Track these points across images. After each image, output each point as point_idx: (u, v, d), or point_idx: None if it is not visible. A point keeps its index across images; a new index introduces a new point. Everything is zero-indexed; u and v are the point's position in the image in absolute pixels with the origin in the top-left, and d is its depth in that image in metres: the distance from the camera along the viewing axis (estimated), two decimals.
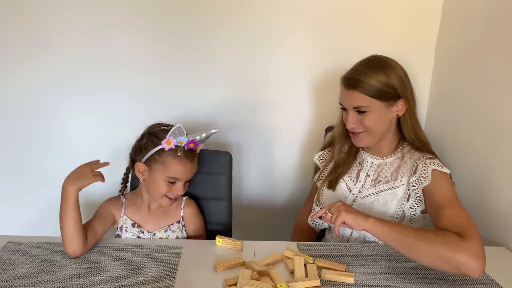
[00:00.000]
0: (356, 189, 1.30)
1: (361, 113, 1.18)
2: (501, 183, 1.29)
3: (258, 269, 1.02)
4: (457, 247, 0.94)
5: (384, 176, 1.27)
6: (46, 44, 1.60)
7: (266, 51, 1.64)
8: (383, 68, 1.17)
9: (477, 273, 0.93)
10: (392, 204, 1.22)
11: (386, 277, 1.05)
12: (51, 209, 1.81)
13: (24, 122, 1.70)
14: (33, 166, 1.75)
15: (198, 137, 1.21)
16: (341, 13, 1.61)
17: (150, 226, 1.29)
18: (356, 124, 1.20)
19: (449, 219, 1.03)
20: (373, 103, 1.16)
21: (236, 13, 1.60)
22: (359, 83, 1.15)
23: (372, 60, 1.20)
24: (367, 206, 1.26)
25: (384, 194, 1.24)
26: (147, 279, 1.01)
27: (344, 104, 1.21)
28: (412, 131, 1.23)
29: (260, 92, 1.70)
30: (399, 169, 1.25)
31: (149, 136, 1.24)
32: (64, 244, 1.08)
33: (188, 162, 1.22)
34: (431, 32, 1.64)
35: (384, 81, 1.15)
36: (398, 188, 1.23)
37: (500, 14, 1.29)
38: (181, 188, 1.23)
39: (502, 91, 1.28)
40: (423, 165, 1.17)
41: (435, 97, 1.68)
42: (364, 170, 1.31)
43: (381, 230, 1.02)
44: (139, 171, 1.24)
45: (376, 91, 1.15)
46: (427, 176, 1.15)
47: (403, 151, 1.27)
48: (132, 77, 1.66)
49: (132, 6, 1.57)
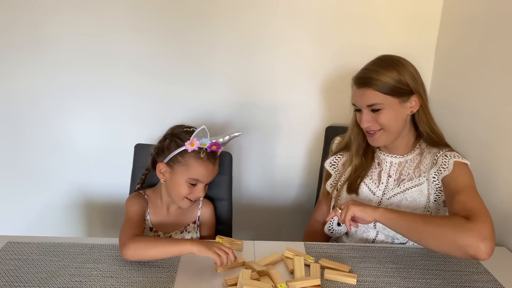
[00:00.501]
0: (380, 191, 1.27)
1: (375, 111, 1.17)
2: (501, 183, 1.28)
3: (258, 269, 1.02)
4: (462, 228, 0.92)
5: (407, 173, 1.25)
6: (46, 45, 1.60)
7: (267, 52, 1.65)
8: (395, 65, 1.17)
9: (484, 254, 0.90)
10: (421, 200, 1.21)
11: (391, 280, 1.05)
12: (51, 209, 1.82)
13: (24, 122, 1.70)
14: (33, 166, 1.76)
15: (221, 139, 1.21)
16: (342, 13, 1.61)
17: (167, 228, 1.29)
18: (371, 123, 1.18)
19: (461, 203, 1.02)
20: (387, 100, 1.15)
21: (237, 14, 1.60)
22: (372, 80, 1.15)
23: (383, 59, 1.20)
24: (395, 206, 1.23)
25: (411, 192, 1.23)
26: (147, 279, 1.01)
27: (358, 104, 1.20)
28: (427, 126, 1.22)
29: (260, 93, 1.70)
30: (420, 165, 1.24)
31: (172, 137, 1.23)
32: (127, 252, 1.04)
33: (211, 164, 1.21)
34: (431, 32, 1.64)
35: (397, 77, 1.15)
36: (423, 184, 1.22)
37: (500, 14, 1.29)
38: (201, 190, 1.23)
39: (502, 91, 1.28)
40: (443, 157, 1.17)
41: (435, 97, 1.68)
42: (384, 171, 1.28)
43: (390, 218, 1.03)
44: (161, 171, 1.23)
45: (389, 88, 1.15)
46: (447, 167, 1.14)
47: (421, 147, 1.25)
48: (133, 78, 1.66)
49: (133, 7, 1.57)
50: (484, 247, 0.90)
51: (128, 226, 1.13)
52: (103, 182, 1.80)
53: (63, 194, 1.81)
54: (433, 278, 1.06)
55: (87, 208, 1.84)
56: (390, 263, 1.13)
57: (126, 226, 1.12)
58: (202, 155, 1.19)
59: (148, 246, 1.04)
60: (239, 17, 1.60)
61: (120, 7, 1.57)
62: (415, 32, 1.64)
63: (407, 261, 1.13)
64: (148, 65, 1.64)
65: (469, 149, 1.45)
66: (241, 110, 1.72)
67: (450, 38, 1.57)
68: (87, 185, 1.81)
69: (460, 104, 1.50)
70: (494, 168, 1.32)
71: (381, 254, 1.17)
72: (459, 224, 0.94)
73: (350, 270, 1.08)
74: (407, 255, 1.16)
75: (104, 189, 1.81)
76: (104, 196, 1.82)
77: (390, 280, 1.05)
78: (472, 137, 1.43)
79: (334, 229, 1.34)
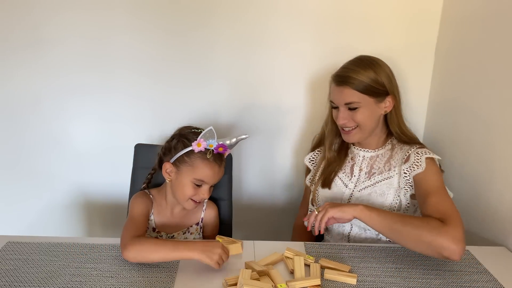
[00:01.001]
0: (352, 183, 1.33)
1: (352, 109, 1.24)
2: (501, 183, 1.28)
3: (258, 269, 1.02)
4: (438, 232, 1.00)
5: (377, 167, 1.31)
6: (47, 46, 1.60)
7: (266, 52, 1.64)
8: (372, 65, 1.24)
9: (457, 255, 0.99)
10: (390, 193, 1.27)
11: (391, 280, 1.05)
12: (51, 209, 1.82)
13: (25, 123, 1.70)
14: (33, 167, 1.76)
15: (228, 141, 1.21)
16: (341, 14, 1.61)
17: (171, 228, 1.28)
18: (347, 120, 1.25)
19: (434, 205, 1.10)
20: (364, 99, 1.22)
21: (236, 15, 1.60)
22: (350, 79, 1.22)
23: (361, 59, 1.27)
24: (365, 199, 1.29)
25: (380, 185, 1.29)
26: (147, 279, 1.01)
27: (336, 101, 1.27)
28: (397, 126, 1.30)
29: (260, 93, 1.70)
30: (391, 159, 1.30)
31: (179, 137, 1.23)
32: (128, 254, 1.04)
33: (217, 165, 1.21)
34: (431, 32, 1.64)
35: (374, 77, 1.22)
36: (392, 177, 1.28)
37: (500, 14, 1.29)
38: (206, 191, 1.22)
39: (502, 91, 1.28)
40: (415, 154, 1.23)
41: (435, 97, 1.68)
42: (357, 165, 1.34)
43: (369, 216, 1.08)
44: (167, 171, 1.23)
45: (366, 87, 1.21)
46: (420, 164, 1.21)
47: (392, 143, 1.33)
48: (133, 79, 1.66)
49: (132, 8, 1.57)
50: (457, 250, 0.99)
51: (131, 225, 1.13)
52: (103, 182, 1.80)
53: (63, 194, 1.81)
54: (433, 278, 1.06)
55: (87, 208, 1.84)
56: (390, 263, 1.13)
57: (129, 226, 1.12)
58: (209, 156, 1.18)
59: (150, 250, 1.03)
60: (239, 17, 1.60)
61: (120, 9, 1.57)
62: (415, 32, 1.63)
63: (407, 261, 1.13)
64: (148, 65, 1.64)
65: (469, 149, 1.45)
66: (241, 110, 1.72)
67: (450, 38, 1.57)
68: (87, 185, 1.81)
69: (460, 104, 1.50)
70: (494, 168, 1.32)
71: (381, 254, 1.17)
72: (435, 227, 1.01)
73: (350, 270, 1.08)
74: (407, 255, 1.16)
75: (104, 189, 1.81)
76: (104, 196, 1.82)
77: (390, 280, 1.05)
78: (472, 137, 1.43)
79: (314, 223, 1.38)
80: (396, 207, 1.26)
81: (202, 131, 1.19)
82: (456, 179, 1.51)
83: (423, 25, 1.63)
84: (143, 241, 1.05)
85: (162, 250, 1.03)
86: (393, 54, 1.64)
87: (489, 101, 1.35)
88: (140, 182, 1.39)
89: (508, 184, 1.25)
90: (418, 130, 1.75)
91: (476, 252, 1.19)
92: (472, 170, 1.43)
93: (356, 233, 1.32)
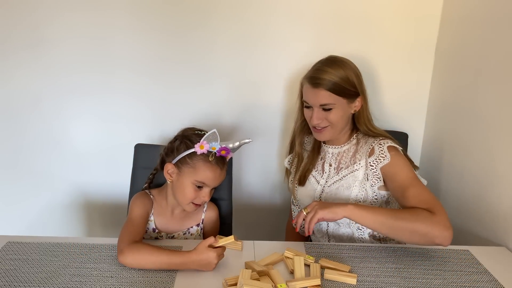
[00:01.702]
0: (323, 180, 1.38)
1: (326, 110, 1.28)
2: (501, 183, 1.28)
3: (258, 269, 1.02)
4: (431, 222, 1.06)
5: (344, 162, 1.35)
6: (47, 45, 1.60)
7: (266, 52, 1.64)
8: (343, 67, 1.28)
9: (448, 241, 1.06)
10: (355, 186, 1.30)
11: (391, 280, 1.05)
12: (51, 209, 1.82)
13: (25, 122, 1.70)
14: (33, 167, 1.76)
15: (231, 145, 1.21)
16: (341, 14, 1.61)
17: (171, 229, 1.28)
18: (321, 120, 1.29)
19: (416, 197, 1.14)
20: (338, 100, 1.27)
21: (237, 15, 1.59)
22: (325, 81, 1.25)
23: (333, 61, 1.30)
24: (334, 193, 1.33)
25: (346, 179, 1.32)
26: (147, 279, 1.01)
27: (310, 102, 1.29)
28: (365, 125, 1.34)
29: (260, 93, 1.70)
30: (356, 153, 1.34)
31: (182, 138, 1.23)
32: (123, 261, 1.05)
33: (218, 168, 1.21)
34: (431, 32, 1.64)
35: (346, 79, 1.26)
36: (358, 170, 1.31)
37: (500, 13, 1.29)
38: (207, 194, 1.22)
39: (502, 91, 1.28)
40: (378, 145, 1.27)
41: (435, 97, 1.68)
42: (327, 161, 1.39)
43: (360, 215, 1.09)
44: (168, 172, 1.22)
45: (340, 89, 1.25)
46: (385, 155, 1.25)
47: (357, 137, 1.36)
48: (133, 79, 1.66)
49: (132, 8, 1.57)
50: (448, 235, 1.06)
51: (129, 228, 1.13)
52: (103, 182, 1.80)
53: (63, 194, 1.81)
54: (433, 278, 1.06)
55: (87, 208, 1.84)
56: (390, 263, 1.13)
57: (127, 228, 1.12)
58: (211, 159, 1.18)
59: (145, 259, 1.04)
60: (239, 18, 1.60)
61: (120, 9, 1.57)
62: (415, 33, 1.63)
63: (407, 261, 1.13)
64: (148, 66, 1.64)
65: (469, 149, 1.45)
66: (241, 110, 1.72)
67: (450, 38, 1.57)
68: (87, 185, 1.81)
69: (460, 104, 1.50)
70: (494, 168, 1.32)
71: (381, 254, 1.17)
72: (427, 218, 1.07)
73: (350, 270, 1.08)
74: (407, 255, 1.16)
75: (104, 189, 1.81)
76: (104, 196, 1.82)
77: (390, 280, 1.05)
78: (471, 137, 1.43)
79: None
80: (362, 199, 1.29)
81: (205, 133, 1.19)
82: (456, 179, 1.51)
83: (423, 25, 1.63)
84: (139, 248, 1.05)
85: (158, 259, 1.04)
86: (393, 54, 1.65)
87: (488, 101, 1.35)
88: (140, 182, 1.39)
89: (508, 184, 1.25)
90: (418, 130, 1.75)
91: (476, 252, 1.19)
92: (472, 169, 1.43)
93: (333, 228, 1.36)
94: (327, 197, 1.35)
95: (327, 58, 1.32)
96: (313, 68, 1.31)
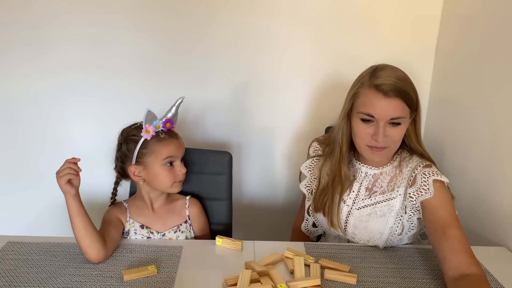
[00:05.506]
0: (350, 200, 1.22)
1: (395, 125, 1.09)
2: (501, 183, 1.29)
3: (258, 269, 1.02)
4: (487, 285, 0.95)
5: (379, 186, 1.20)
6: (46, 45, 1.60)
7: (266, 53, 1.64)
8: (404, 73, 1.11)
9: None
10: (391, 216, 1.17)
11: (391, 280, 1.05)
12: (51, 209, 1.82)
13: (24, 123, 1.70)
14: (33, 166, 1.75)
15: (170, 114, 1.22)
16: (341, 16, 1.61)
17: (158, 226, 1.28)
18: (387, 137, 1.10)
19: (457, 240, 1.02)
20: (407, 114, 1.10)
21: (237, 17, 1.60)
22: (402, 91, 1.06)
23: (392, 67, 1.12)
24: (365, 220, 1.20)
25: (381, 206, 1.19)
26: (147, 279, 1.01)
27: (379, 115, 1.07)
28: (417, 142, 1.18)
29: (261, 94, 1.70)
30: (395, 178, 1.19)
31: (126, 139, 1.24)
32: (84, 253, 1.07)
33: (174, 139, 1.23)
34: (431, 32, 1.64)
35: (413, 86, 1.10)
36: (395, 199, 1.17)
37: (500, 14, 1.29)
38: (180, 166, 1.23)
39: (502, 91, 1.28)
40: (422, 175, 1.12)
41: (435, 97, 1.68)
42: (358, 181, 1.23)
43: None
44: (135, 174, 1.23)
45: (410, 100, 1.08)
46: (428, 188, 1.10)
47: (400, 157, 1.21)
48: (132, 78, 1.66)
49: (132, 9, 1.57)
50: None
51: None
52: (103, 182, 1.79)
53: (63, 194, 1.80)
54: (433, 278, 1.06)
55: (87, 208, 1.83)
56: (390, 263, 1.13)
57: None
58: (162, 136, 1.20)
59: (74, 228, 1.10)
60: (240, 19, 1.60)
61: (120, 10, 1.57)
62: (415, 33, 1.63)
63: (407, 261, 1.13)
64: (148, 66, 1.64)
65: (469, 150, 1.45)
66: (242, 111, 1.72)
67: (450, 39, 1.58)
68: (87, 185, 1.79)
69: (460, 104, 1.50)
70: (494, 168, 1.32)
71: (381, 254, 1.17)
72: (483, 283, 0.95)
73: (350, 270, 1.08)
74: (407, 255, 1.16)
75: (104, 189, 1.80)
76: (104, 196, 1.81)
77: (390, 280, 1.05)
78: (472, 138, 1.43)
79: (310, 230, 1.37)
80: (397, 232, 1.18)
81: (140, 123, 1.21)
82: (457, 179, 1.51)
83: (423, 26, 1.63)
84: None
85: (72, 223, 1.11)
86: (393, 55, 1.64)
87: (488, 101, 1.35)
88: (137, 187, 1.39)
89: (508, 184, 1.25)
90: None
91: (476, 252, 1.18)
92: (472, 170, 1.43)
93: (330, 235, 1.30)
94: (356, 223, 1.20)
95: (388, 65, 1.12)
96: (380, 75, 1.08)
